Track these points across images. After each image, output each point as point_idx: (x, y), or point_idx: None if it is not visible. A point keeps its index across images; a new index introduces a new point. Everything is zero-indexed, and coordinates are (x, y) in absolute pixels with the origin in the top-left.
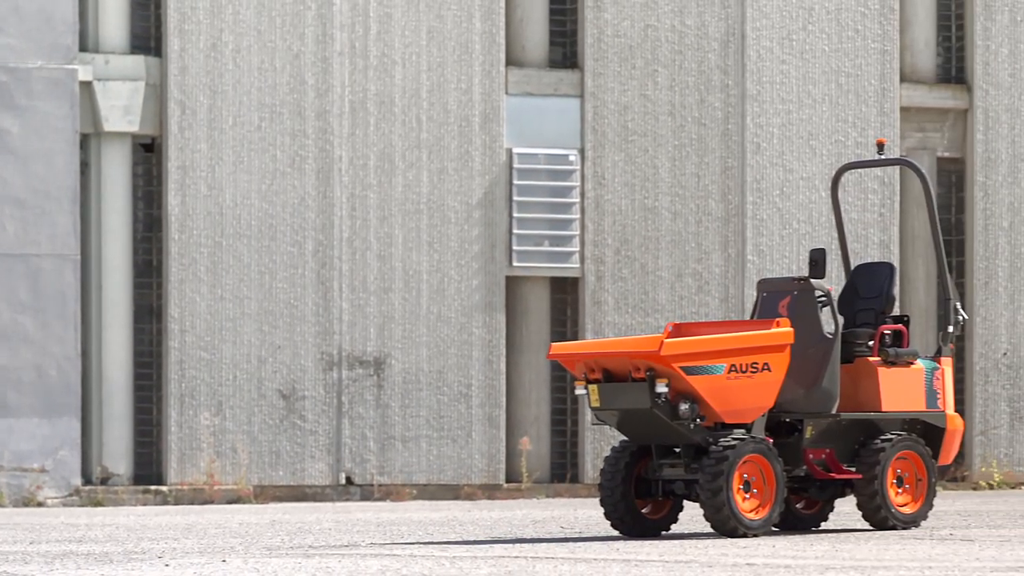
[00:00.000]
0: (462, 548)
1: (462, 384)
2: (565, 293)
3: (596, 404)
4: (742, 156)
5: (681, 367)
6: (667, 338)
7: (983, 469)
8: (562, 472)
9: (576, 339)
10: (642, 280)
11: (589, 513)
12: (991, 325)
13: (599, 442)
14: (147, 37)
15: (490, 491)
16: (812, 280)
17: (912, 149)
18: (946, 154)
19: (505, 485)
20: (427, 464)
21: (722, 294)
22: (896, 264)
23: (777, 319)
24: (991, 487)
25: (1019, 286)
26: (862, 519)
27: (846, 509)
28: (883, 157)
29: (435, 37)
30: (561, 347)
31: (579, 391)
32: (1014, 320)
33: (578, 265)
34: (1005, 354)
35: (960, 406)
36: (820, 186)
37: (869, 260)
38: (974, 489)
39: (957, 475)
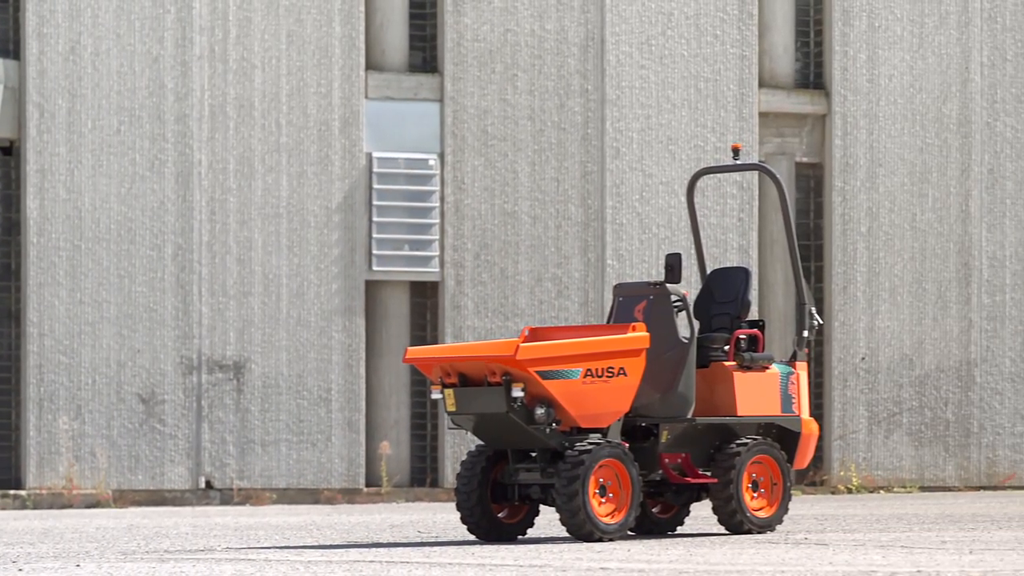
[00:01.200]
0: (318, 553)
1: (322, 388)
2: (425, 297)
3: (452, 408)
4: (601, 161)
5: (537, 371)
6: (523, 342)
7: (841, 473)
8: (422, 476)
9: (436, 343)
10: (502, 284)
11: (447, 517)
12: (849, 330)
13: (459, 446)
14: (5, 40)
15: (350, 495)
16: (668, 285)
17: (771, 154)
18: (804, 159)
19: (365, 489)
20: (287, 468)
21: (582, 298)
22: (755, 269)
23: (633, 323)
24: (849, 491)
25: (877, 291)
26: (718, 523)
27: (702, 513)
28: (739, 162)
29: (295, 41)
30: (417, 351)
31: (435, 395)
32: (872, 325)
33: (438, 269)
34: (863, 359)
35: (819, 410)
36: (679, 191)
37: (727, 265)
38: (832, 493)
39: (816, 479)
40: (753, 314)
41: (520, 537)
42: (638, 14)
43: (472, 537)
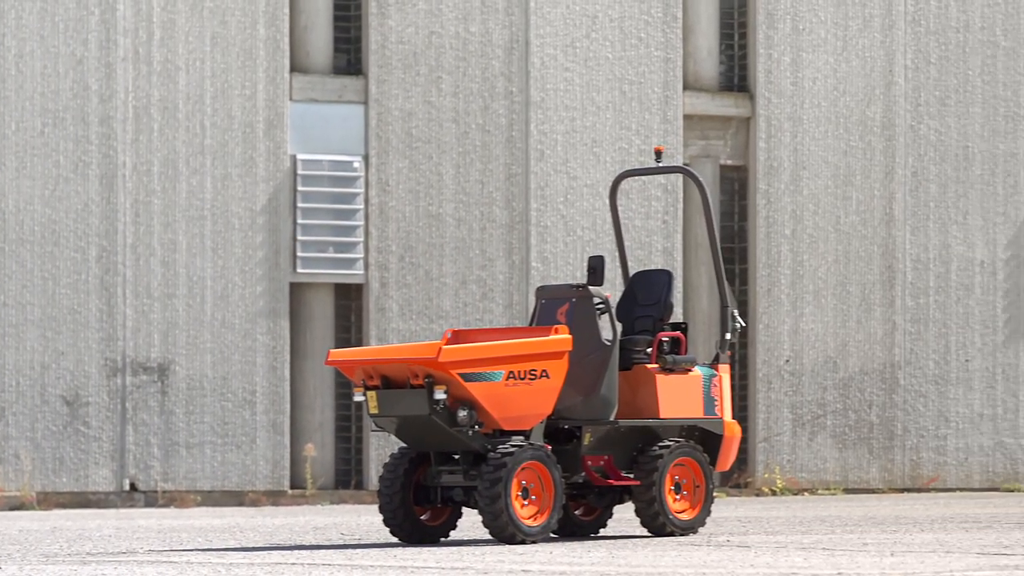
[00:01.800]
0: (240, 555)
1: (246, 390)
2: (349, 299)
3: (375, 411)
4: (526, 163)
5: (459, 374)
6: (445, 345)
7: (766, 475)
8: (347, 478)
9: (361, 345)
10: (426, 287)
11: (371, 520)
12: (774, 332)
13: (383, 449)
14: None
15: (275, 497)
16: (590, 287)
17: (695, 157)
18: (729, 162)
19: (290, 491)
20: (211, 470)
21: (506, 301)
22: (679, 271)
23: (555, 326)
24: (774, 493)
25: (801, 293)
26: (640, 525)
27: (625, 516)
28: (661, 165)
29: (219, 43)
30: (339, 354)
31: (357, 398)
32: (796, 327)
33: (362, 272)
34: (787, 361)
35: (743, 413)
36: (604, 193)
37: (652, 267)
38: (757, 495)
39: (740, 481)
40: (677, 316)
41: (443, 539)
42: (562, 17)
43: (395, 539)
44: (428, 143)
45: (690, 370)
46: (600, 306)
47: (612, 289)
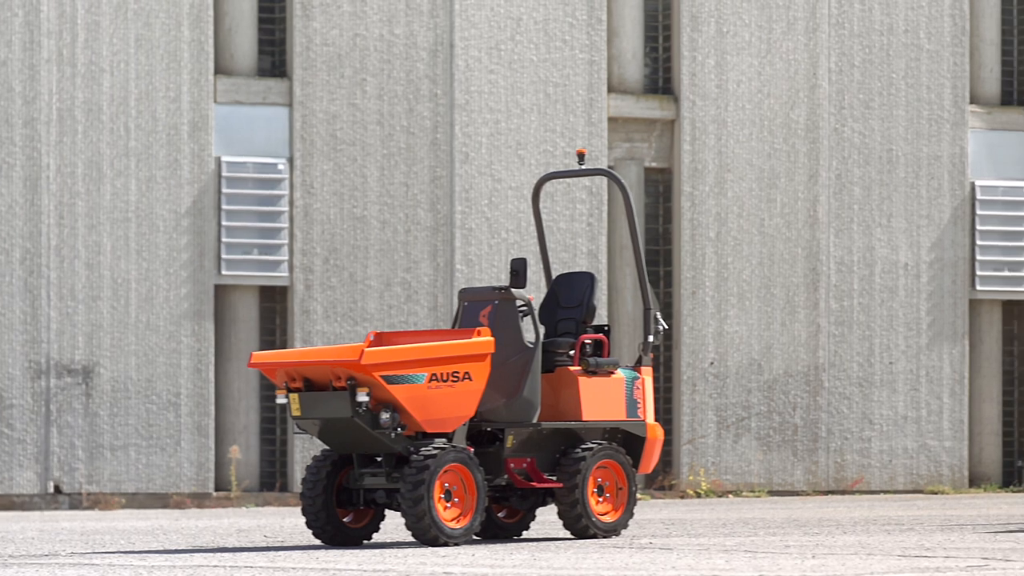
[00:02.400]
0: (162, 557)
1: (171, 393)
2: (274, 302)
3: (297, 413)
4: (451, 165)
5: (382, 376)
6: (368, 347)
7: (691, 478)
8: (271, 480)
9: (285, 348)
10: (351, 289)
11: (295, 522)
12: (698, 335)
13: (308, 451)
14: None
15: (199, 500)
16: (513, 290)
17: (620, 159)
18: (653, 164)
19: (214, 494)
20: (136, 473)
21: (431, 303)
22: (604, 274)
23: (478, 328)
24: (698, 496)
25: (725, 296)
26: (563, 528)
27: (548, 518)
28: (584, 167)
29: (143, 45)
30: (262, 356)
31: (280, 400)
32: (721, 330)
33: (287, 274)
34: (712, 363)
35: (668, 415)
36: (529, 196)
37: (575, 270)
38: (681, 498)
39: (665, 484)
40: (601, 319)
41: (365, 542)
42: (487, 19)
43: (318, 542)
44: (352, 145)
45: (613, 372)
46: (523, 308)
47: (535, 291)
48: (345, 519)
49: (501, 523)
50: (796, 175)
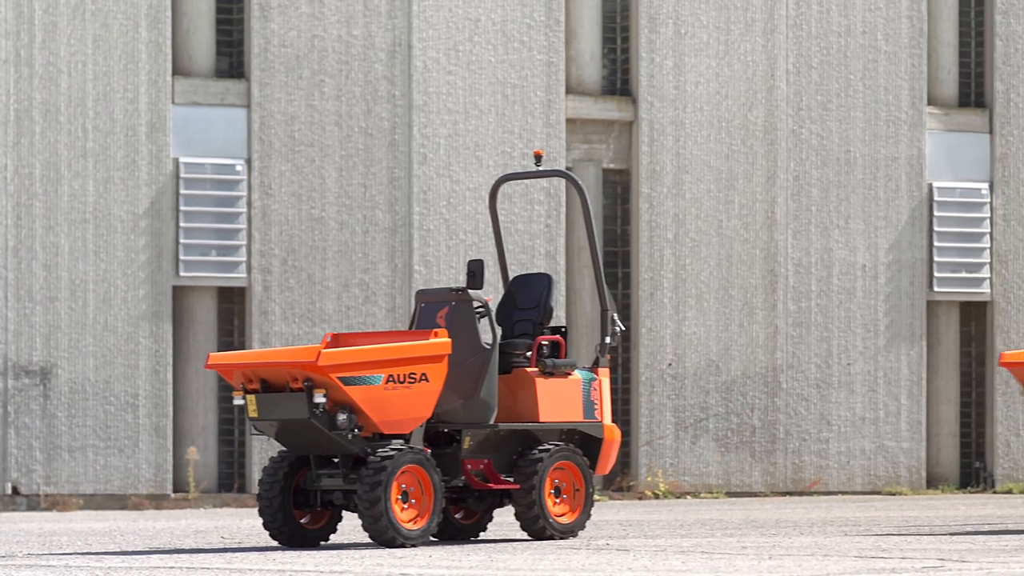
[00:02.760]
0: (119, 559)
1: (129, 394)
2: (232, 303)
3: (254, 415)
4: (409, 166)
5: (339, 377)
6: (325, 348)
7: (648, 479)
8: (229, 482)
9: (244, 349)
10: (309, 290)
11: (253, 523)
12: (656, 336)
13: (266, 452)
14: None
15: (157, 501)
16: (470, 291)
17: (578, 160)
18: (611, 165)
19: (172, 495)
20: (94, 474)
21: (389, 304)
22: (562, 275)
23: (435, 330)
24: (656, 497)
25: (683, 297)
26: (520, 529)
27: (506, 519)
28: (541, 169)
29: (101, 46)
30: (219, 357)
31: (237, 401)
32: (679, 331)
33: (245, 275)
34: (670, 365)
35: (626, 416)
36: (486, 196)
37: (533, 271)
38: (640, 499)
39: (623, 485)
40: (559, 320)
41: (323, 543)
42: (445, 20)
43: (275, 543)
44: (311, 146)
45: (570, 374)
46: (480, 310)
47: (492, 293)
48: (302, 520)
49: (458, 524)
50: (754, 176)
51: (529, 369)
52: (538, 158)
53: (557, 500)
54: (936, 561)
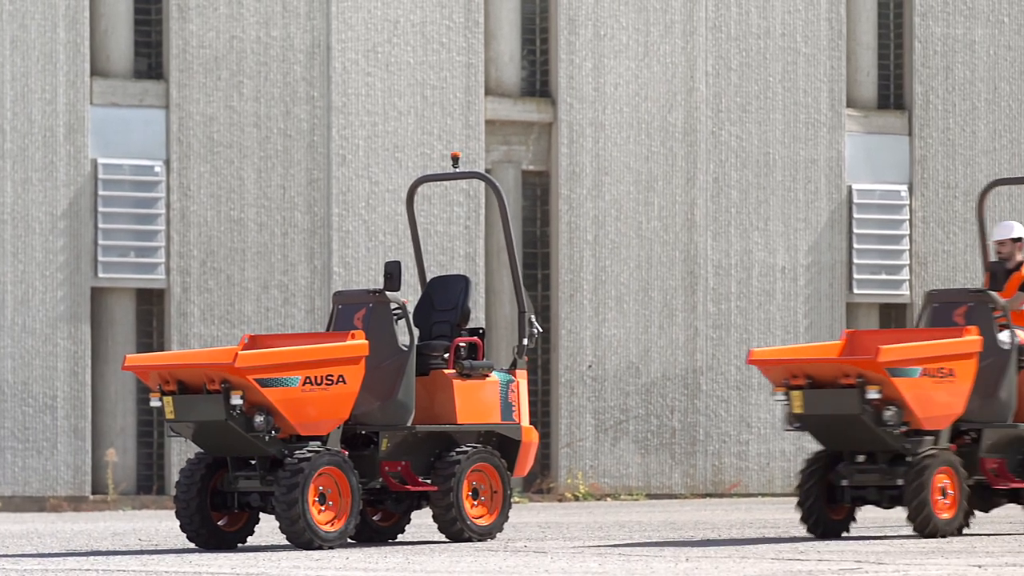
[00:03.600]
0: (35, 561)
1: (47, 395)
2: (151, 304)
3: (171, 416)
4: (328, 168)
5: (256, 379)
6: (242, 350)
7: (569, 481)
8: (148, 484)
9: (163, 351)
10: (228, 292)
11: (171, 525)
12: (576, 338)
13: (185, 454)
14: None
15: (76, 503)
16: (387, 292)
17: (497, 162)
18: (531, 167)
19: (91, 497)
20: (12, 476)
21: (308, 306)
22: (481, 276)
23: (352, 331)
24: (577, 499)
25: (603, 299)
26: (438, 531)
27: (424, 521)
28: (458, 170)
29: (18, 47)
30: (136, 359)
31: (154, 403)
32: (599, 333)
33: (164, 276)
34: (590, 366)
35: (545, 418)
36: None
37: (452, 273)
38: (559, 501)
39: (543, 487)
40: (479, 322)
41: (240, 545)
42: (364, 21)
43: (192, 545)
44: (229, 148)
45: (487, 375)
46: (397, 311)
47: (410, 294)
48: (219, 522)
49: (376, 526)
50: (674, 178)
51: (447, 371)
52: (455, 160)
53: (475, 502)
54: (853, 563)
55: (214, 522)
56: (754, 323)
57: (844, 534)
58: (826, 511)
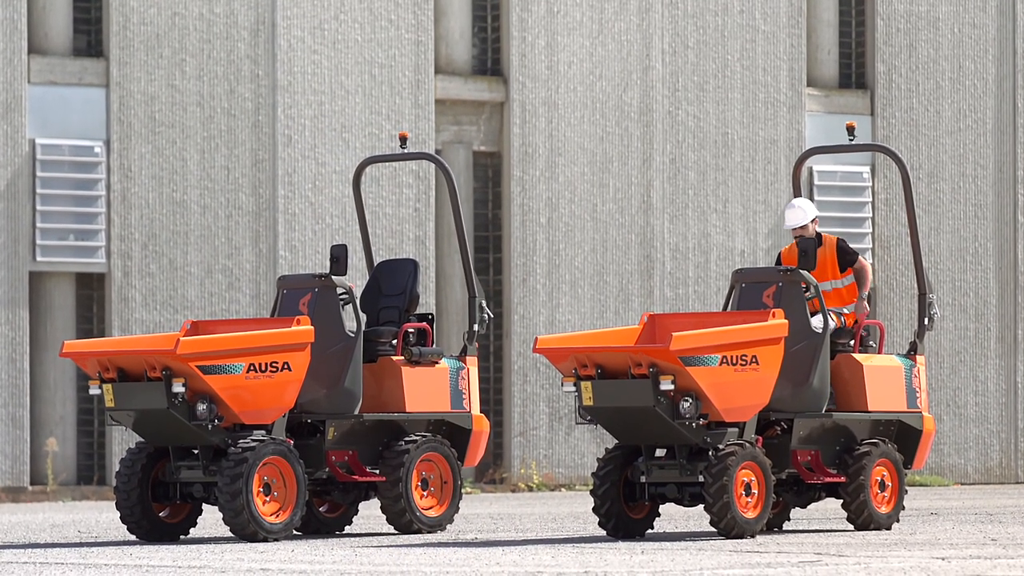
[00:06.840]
0: None
1: None
2: (92, 289)
3: (111, 404)
4: (273, 148)
5: (198, 366)
6: (184, 336)
7: (522, 471)
8: (89, 474)
9: (103, 336)
10: (171, 276)
11: (112, 516)
12: (529, 323)
13: (127, 443)
14: None
15: (14, 494)
16: (333, 277)
17: (448, 142)
18: (482, 148)
19: (30, 488)
20: None
21: (253, 291)
22: (432, 260)
23: (297, 317)
24: (530, 489)
25: (557, 283)
26: (387, 523)
27: (372, 512)
28: (407, 151)
29: None
30: (74, 345)
31: (93, 391)
32: (552, 318)
33: (104, 260)
34: None
35: (498, 406)
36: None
37: (401, 256)
38: (513, 491)
39: (495, 477)
40: (429, 307)
41: (182, 537)
42: None
43: (133, 537)
44: (172, 127)
45: (437, 362)
46: (343, 296)
47: (358, 279)
48: (161, 513)
49: (323, 517)
50: (629, 159)
51: (395, 358)
52: (403, 140)
53: (424, 493)
54: (813, 555)
55: (155, 513)
56: (712, 308)
57: (649, 531)
58: (625, 510)
